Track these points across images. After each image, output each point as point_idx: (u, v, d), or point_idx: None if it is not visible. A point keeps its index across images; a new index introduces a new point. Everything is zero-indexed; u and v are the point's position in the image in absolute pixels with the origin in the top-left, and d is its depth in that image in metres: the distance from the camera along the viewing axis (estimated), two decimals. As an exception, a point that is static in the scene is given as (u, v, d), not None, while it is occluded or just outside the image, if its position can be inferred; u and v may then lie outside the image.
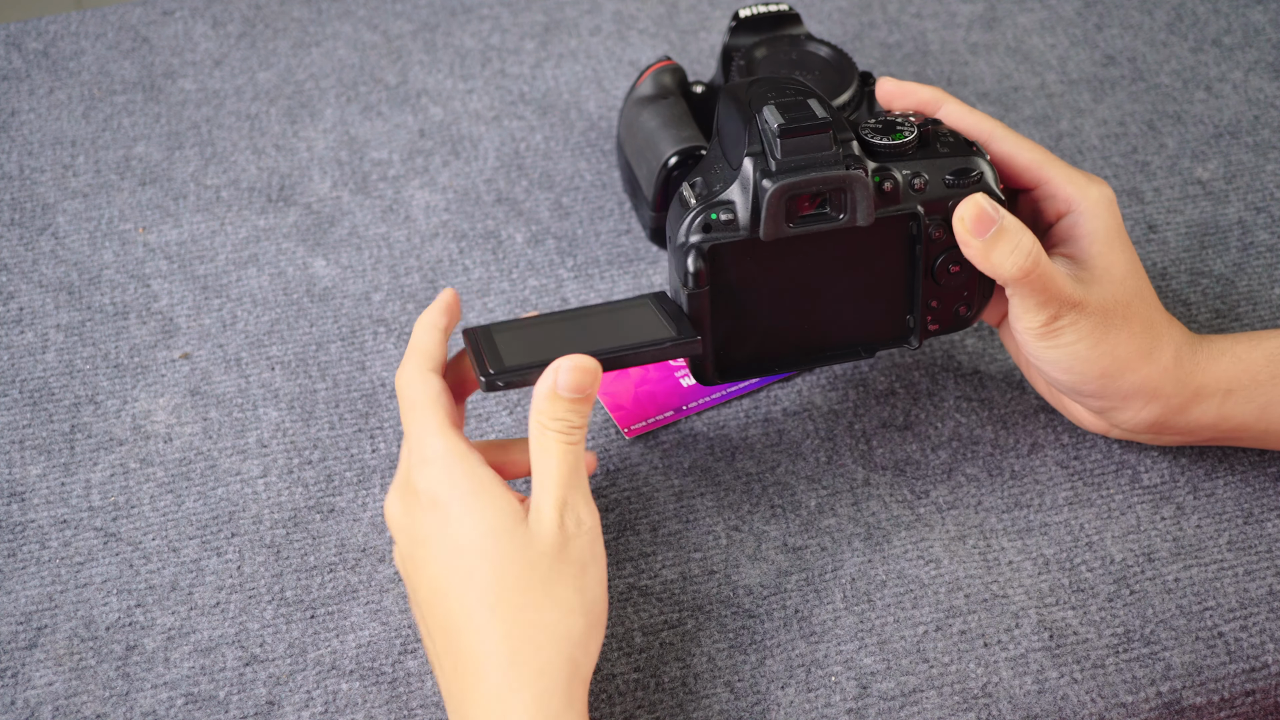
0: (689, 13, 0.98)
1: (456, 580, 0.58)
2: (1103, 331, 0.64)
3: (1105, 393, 0.66)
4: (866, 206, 0.62)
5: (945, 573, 0.68)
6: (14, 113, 0.91)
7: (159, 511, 0.70)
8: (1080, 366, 0.65)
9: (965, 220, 0.63)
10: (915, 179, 0.64)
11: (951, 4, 0.99)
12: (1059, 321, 0.64)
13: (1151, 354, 0.65)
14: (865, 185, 0.62)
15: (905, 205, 0.64)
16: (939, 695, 0.64)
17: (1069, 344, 0.64)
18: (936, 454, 0.73)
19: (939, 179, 0.64)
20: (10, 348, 0.77)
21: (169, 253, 0.82)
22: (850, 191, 0.62)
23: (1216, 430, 0.67)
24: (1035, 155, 0.67)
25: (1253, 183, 0.86)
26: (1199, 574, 0.68)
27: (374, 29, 0.97)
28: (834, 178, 0.62)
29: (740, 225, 0.63)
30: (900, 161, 0.64)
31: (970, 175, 0.64)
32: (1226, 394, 0.66)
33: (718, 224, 0.63)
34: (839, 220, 0.63)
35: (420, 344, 0.63)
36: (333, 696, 0.64)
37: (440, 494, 0.59)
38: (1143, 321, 0.65)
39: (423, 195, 0.86)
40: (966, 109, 0.68)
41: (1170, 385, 0.65)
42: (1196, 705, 0.64)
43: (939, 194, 0.64)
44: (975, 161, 0.65)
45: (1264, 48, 0.96)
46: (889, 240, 0.65)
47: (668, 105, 0.80)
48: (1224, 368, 0.66)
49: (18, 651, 0.65)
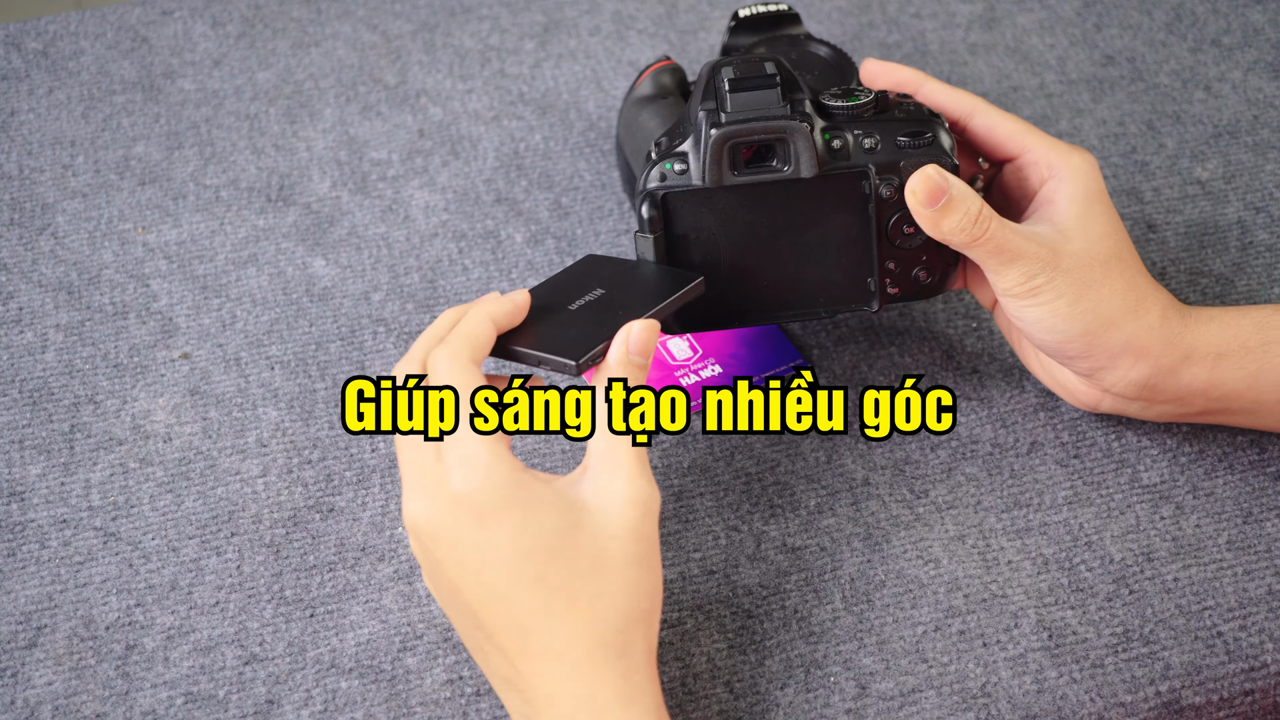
0: (688, 13, 0.98)
1: (524, 582, 0.57)
2: (1082, 287, 0.65)
3: (1091, 351, 0.66)
4: (810, 158, 0.65)
5: (944, 572, 0.68)
6: (13, 113, 0.91)
7: (159, 511, 0.70)
8: (1062, 324, 0.65)
9: (917, 193, 0.65)
10: (866, 139, 0.66)
11: (951, 4, 0.99)
12: (1035, 280, 0.65)
13: (1136, 311, 0.66)
14: (807, 135, 0.65)
15: (855, 163, 0.66)
16: (938, 695, 0.64)
17: (1048, 302, 0.65)
18: (936, 454, 0.73)
19: (891, 140, 0.66)
20: (10, 348, 0.77)
21: (168, 252, 0.82)
22: (792, 141, 0.65)
23: (1208, 399, 0.67)
24: (1016, 126, 0.69)
25: (1252, 183, 0.86)
26: (1198, 573, 0.68)
27: (373, 29, 0.97)
28: (774, 126, 0.65)
29: (693, 175, 0.66)
30: (854, 123, 0.66)
31: (923, 137, 0.66)
32: (1217, 358, 0.66)
33: (672, 173, 0.66)
34: (783, 172, 0.65)
35: (472, 333, 0.60)
36: (332, 695, 0.64)
37: (487, 498, 0.57)
38: (1125, 279, 0.66)
39: (422, 195, 0.86)
40: (946, 87, 0.70)
41: (1158, 344, 0.66)
42: (1195, 705, 0.64)
43: (891, 155, 0.66)
44: (930, 124, 0.66)
45: (1263, 48, 0.96)
46: (843, 199, 0.67)
47: (667, 105, 0.80)
48: (1213, 332, 0.66)
49: (17, 651, 0.65)
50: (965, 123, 0.70)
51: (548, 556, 0.57)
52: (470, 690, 0.64)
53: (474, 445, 0.58)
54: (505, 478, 0.57)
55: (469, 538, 0.57)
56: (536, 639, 0.57)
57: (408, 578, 0.68)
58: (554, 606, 0.57)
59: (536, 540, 0.57)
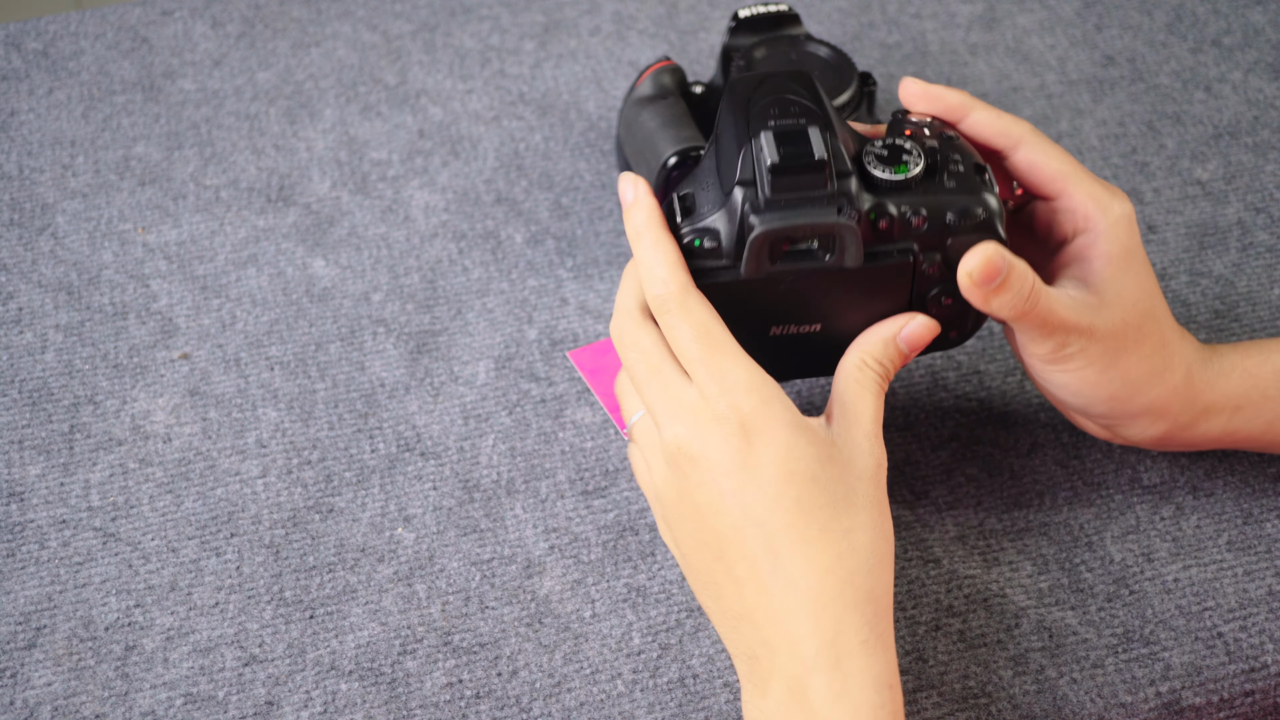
0: (689, 13, 0.98)
1: (784, 505, 0.57)
2: (1113, 356, 0.63)
3: (1113, 414, 0.65)
4: (856, 251, 0.60)
5: (945, 572, 0.68)
6: (13, 113, 0.90)
7: (158, 512, 0.70)
8: (1089, 391, 0.64)
9: (974, 275, 0.60)
10: (914, 216, 0.60)
11: (951, 4, 0.99)
12: (1067, 349, 0.62)
13: (1162, 375, 0.64)
14: (856, 234, 0.59)
15: (900, 243, 0.61)
16: (938, 695, 0.64)
17: (1077, 369, 0.63)
18: (936, 454, 0.72)
19: (939, 217, 0.61)
20: (10, 348, 0.77)
21: (168, 253, 0.82)
22: (840, 239, 0.60)
23: (1221, 443, 0.68)
24: (1062, 167, 0.64)
25: (1252, 183, 0.86)
26: (1198, 574, 0.68)
27: (373, 29, 0.97)
28: (823, 225, 0.59)
29: (724, 254, 0.60)
30: (901, 195, 0.60)
31: (974, 216, 0.61)
32: (1235, 410, 0.66)
33: (700, 251, 0.60)
34: (825, 261, 0.61)
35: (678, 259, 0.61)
36: (332, 697, 0.64)
37: (757, 417, 0.57)
38: (1154, 343, 0.64)
39: (422, 195, 0.86)
40: (994, 114, 0.65)
41: (1179, 404, 0.65)
42: (1196, 705, 0.64)
43: (938, 233, 0.61)
44: (982, 199, 0.61)
45: (1263, 48, 0.96)
46: (880, 276, 0.62)
47: (667, 105, 0.80)
48: (1234, 384, 0.66)
49: (17, 651, 0.65)
50: (1009, 155, 0.65)
51: (809, 481, 0.57)
52: (470, 693, 0.64)
53: (739, 366, 0.58)
54: (773, 398, 0.58)
55: (734, 457, 0.57)
56: (786, 569, 0.56)
57: (408, 579, 0.68)
58: (809, 533, 0.56)
59: (799, 464, 0.57)
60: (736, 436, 0.57)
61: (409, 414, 0.74)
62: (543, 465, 0.72)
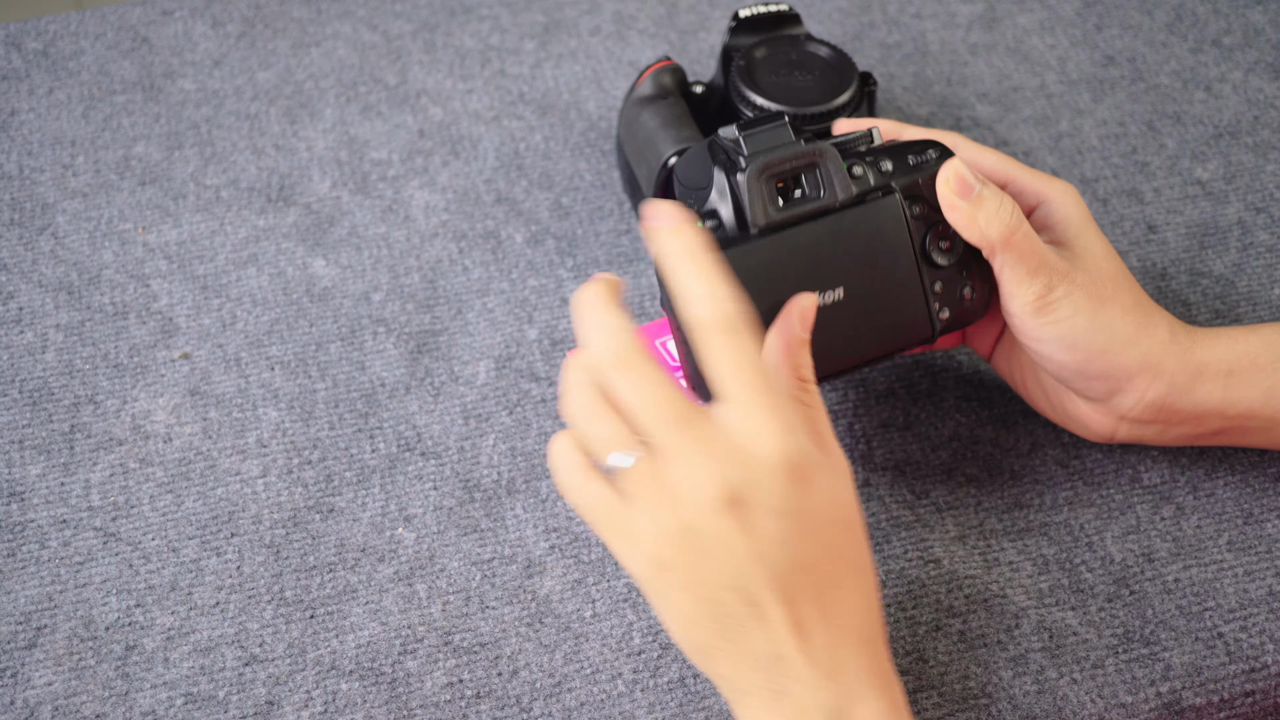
0: (689, 13, 0.98)
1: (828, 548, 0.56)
2: (1097, 303, 0.65)
3: (1109, 371, 0.66)
4: (842, 178, 0.64)
5: (945, 573, 0.68)
6: (14, 113, 0.91)
7: (158, 511, 0.70)
8: (1082, 340, 0.65)
9: (950, 181, 0.65)
10: (881, 163, 0.66)
11: (951, 4, 0.99)
12: (1053, 293, 0.64)
13: (1146, 327, 0.66)
14: (835, 156, 0.64)
15: (879, 182, 0.66)
16: (939, 695, 0.64)
17: (1067, 317, 0.65)
18: (936, 454, 0.73)
19: (903, 161, 0.66)
20: (10, 348, 0.77)
21: (169, 253, 0.82)
22: (822, 164, 0.64)
23: (1223, 418, 0.67)
24: (1000, 159, 0.69)
25: (1252, 183, 0.86)
26: (1199, 574, 0.68)
27: (374, 29, 0.97)
28: (806, 150, 0.64)
29: (727, 228, 0.64)
30: (861, 154, 0.66)
31: (935, 149, 0.67)
32: (1229, 375, 0.66)
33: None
34: (820, 199, 0.64)
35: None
36: (332, 696, 0.64)
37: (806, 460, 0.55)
38: (1131, 297, 0.66)
39: (422, 195, 0.86)
40: (925, 130, 0.70)
41: (1171, 360, 0.66)
42: (1196, 706, 0.64)
43: (908, 174, 0.66)
44: (930, 142, 0.67)
45: (1264, 48, 0.96)
46: (880, 229, 0.66)
47: (667, 105, 0.80)
48: (1222, 348, 0.67)
49: (17, 651, 0.65)
50: None
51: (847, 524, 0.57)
52: (470, 693, 0.64)
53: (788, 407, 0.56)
54: (816, 437, 0.57)
55: (786, 503, 0.54)
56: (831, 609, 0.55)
57: (408, 579, 0.68)
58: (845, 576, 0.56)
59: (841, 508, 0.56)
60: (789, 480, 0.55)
61: (409, 414, 0.74)
62: (543, 465, 0.72)
